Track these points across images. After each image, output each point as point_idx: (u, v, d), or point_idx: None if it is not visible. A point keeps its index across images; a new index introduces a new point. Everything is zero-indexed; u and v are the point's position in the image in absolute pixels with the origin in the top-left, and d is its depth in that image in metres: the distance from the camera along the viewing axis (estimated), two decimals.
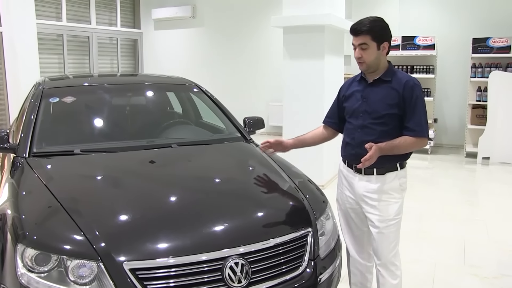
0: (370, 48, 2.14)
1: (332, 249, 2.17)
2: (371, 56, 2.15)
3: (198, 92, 3.48)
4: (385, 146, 2.11)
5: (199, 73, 9.20)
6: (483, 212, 4.54)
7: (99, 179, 2.39)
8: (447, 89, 7.68)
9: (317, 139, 2.52)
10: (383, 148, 2.10)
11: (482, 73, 6.86)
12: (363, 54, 2.15)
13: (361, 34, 2.13)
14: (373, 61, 2.17)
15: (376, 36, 2.14)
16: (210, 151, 2.86)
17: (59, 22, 8.57)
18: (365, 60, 2.16)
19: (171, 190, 2.25)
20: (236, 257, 1.79)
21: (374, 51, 2.15)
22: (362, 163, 2.07)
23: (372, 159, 2.06)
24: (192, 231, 1.86)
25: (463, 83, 7.34)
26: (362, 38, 2.13)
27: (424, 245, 3.65)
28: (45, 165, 2.42)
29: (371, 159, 2.06)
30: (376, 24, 2.14)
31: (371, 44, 2.14)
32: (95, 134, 2.97)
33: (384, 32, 2.17)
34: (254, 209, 2.16)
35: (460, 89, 7.48)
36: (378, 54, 2.17)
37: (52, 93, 2.98)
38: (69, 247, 1.73)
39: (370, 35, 2.12)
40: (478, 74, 6.89)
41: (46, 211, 1.95)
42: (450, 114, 7.74)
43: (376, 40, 2.14)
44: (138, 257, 1.70)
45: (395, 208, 2.23)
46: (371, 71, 2.21)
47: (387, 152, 2.12)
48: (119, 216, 1.95)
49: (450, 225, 4.11)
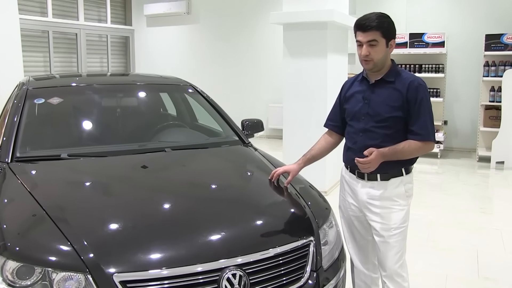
0: (379, 45, 2.14)
1: (335, 259, 2.17)
2: (379, 53, 2.15)
3: (193, 93, 3.49)
4: (387, 151, 2.12)
5: (194, 72, 9.22)
6: (497, 220, 4.55)
7: (88, 186, 2.40)
8: (458, 89, 7.71)
9: (324, 151, 2.47)
10: (386, 154, 2.11)
11: (496, 72, 6.88)
12: (371, 52, 2.14)
13: (370, 30, 2.12)
14: (380, 59, 2.17)
15: (386, 32, 2.14)
16: (206, 155, 2.87)
17: (44, 17, 8.59)
18: (373, 57, 2.15)
19: (164, 197, 2.26)
20: (233, 268, 1.79)
21: (383, 48, 2.16)
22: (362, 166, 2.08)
23: (372, 164, 2.07)
24: (186, 241, 1.86)
25: (475, 82, 7.37)
26: (371, 34, 2.12)
27: (434, 255, 3.66)
28: (29, 170, 2.42)
29: (371, 164, 2.07)
30: (384, 20, 2.15)
31: (380, 41, 2.14)
32: (83, 137, 2.98)
33: (392, 29, 2.18)
34: (253, 217, 2.16)
35: (472, 89, 7.51)
36: (386, 52, 2.18)
37: (37, 93, 2.98)
38: (54, 259, 1.72)
39: (380, 31, 2.12)
40: (491, 73, 6.90)
41: (29, 220, 1.95)
42: (461, 115, 7.76)
43: (385, 37, 2.14)
44: (129, 268, 1.70)
45: (401, 215, 2.23)
46: (376, 70, 2.22)
47: (390, 158, 2.13)
48: (109, 225, 1.95)
49: (462, 234, 4.12)
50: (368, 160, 2.08)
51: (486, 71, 6.92)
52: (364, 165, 2.10)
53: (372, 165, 2.10)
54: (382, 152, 2.09)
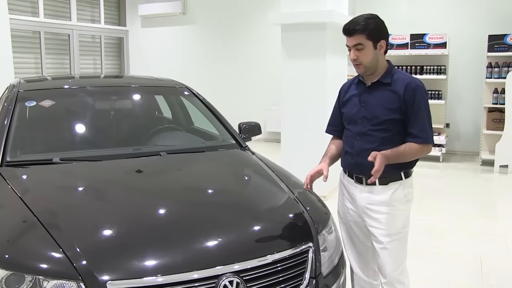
0: (366, 48, 2.16)
1: (335, 265, 2.17)
2: (367, 56, 2.17)
3: (189, 96, 3.50)
4: (390, 153, 2.12)
5: (190, 74, 9.24)
6: (502, 225, 4.56)
7: (81, 191, 2.40)
8: (460, 91, 7.74)
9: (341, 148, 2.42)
10: (389, 156, 2.11)
11: (499, 73, 6.91)
12: (359, 55, 2.17)
13: (354, 33, 2.15)
14: (370, 62, 2.19)
15: (372, 34, 2.15)
16: (202, 159, 2.87)
17: (35, 18, 8.60)
18: (362, 61, 2.18)
19: (159, 202, 2.26)
20: (230, 275, 1.79)
21: (371, 51, 2.17)
22: (374, 176, 2.05)
23: (381, 169, 2.06)
24: (182, 247, 1.87)
25: (478, 84, 7.40)
26: (356, 38, 2.15)
27: (436, 262, 3.66)
28: (20, 175, 2.42)
29: (380, 169, 2.05)
30: (370, 22, 2.16)
31: (366, 44, 2.16)
32: (76, 141, 2.98)
33: (380, 29, 2.19)
34: (250, 222, 2.17)
35: (475, 91, 7.54)
36: (375, 54, 2.19)
37: (28, 96, 2.98)
38: (46, 266, 1.72)
39: (364, 34, 2.14)
40: (494, 75, 6.94)
41: (20, 226, 1.95)
42: (464, 118, 7.79)
43: (371, 39, 2.16)
44: (123, 275, 1.70)
45: (400, 220, 2.24)
46: (369, 73, 2.23)
47: (393, 160, 2.14)
48: (103, 231, 1.95)
49: (465, 240, 4.13)
50: (377, 169, 2.03)
51: (489, 72, 6.96)
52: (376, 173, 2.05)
53: (380, 169, 2.06)
54: (385, 154, 2.10)
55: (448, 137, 7.64)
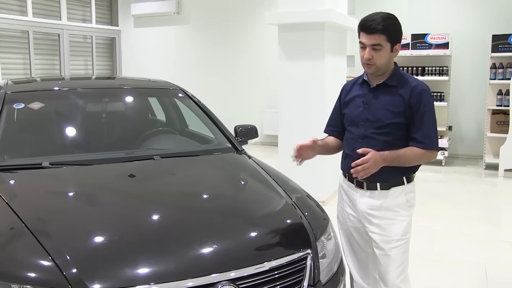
0: (383, 50, 2.15)
1: (334, 273, 2.18)
2: (383, 58, 2.16)
3: (184, 98, 3.50)
4: (388, 154, 2.13)
5: (184, 76, 9.25)
6: (507, 231, 4.57)
7: (71, 196, 2.39)
8: (463, 92, 7.77)
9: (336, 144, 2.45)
10: (387, 157, 2.12)
11: (503, 74, 6.95)
12: (374, 56, 2.15)
13: (375, 33, 2.12)
14: (384, 64, 2.18)
15: (391, 36, 2.14)
16: (197, 163, 2.88)
17: (23, 17, 8.59)
18: (376, 62, 2.16)
19: (153, 208, 2.26)
20: (226, 283, 1.79)
21: (387, 53, 2.16)
22: (354, 169, 2.06)
23: (370, 165, 2.05)
24: (176, 254, 1.87)
25: (481, 85, 7.43)
26: (376, 37, 2.13)
27: (439, 269, 3.67)
28: (7, 180, 2.42)
29: (369, 165, 2.04)
30: (391, 23, 2.15)
31: (385, 46, 2.14)
32: (66, 144, 2.98)
33: (399, 32, 2.18)
34: (247, 229, 2.17)
35: (478, 93, 7.57)
36: (390, 57, 2.19)
37: (16, 98, 2.98)
38: (34, 275, 1.72)
39: (385, 35, 2.13)
40: (498, 76, 6.97)
41: (7, 234, 1.94)
42: (467, 120, 7.82)
43: (390, 41, 2.15)
44: (115, 284, 1.70)
45: (402, 227, 2.24)
46: (378, 74, 2.23)
47: (391, 162, 2.14)
48: (94, 238, 1.95)
49: (469, 246, 4.14)
50: (365, 160, 2.05)
51: (493, 73, 6.99)
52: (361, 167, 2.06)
53: (371, 168, 2.07)
54: (382, 154, 2.10)
55: (451, 140, 7.67)
